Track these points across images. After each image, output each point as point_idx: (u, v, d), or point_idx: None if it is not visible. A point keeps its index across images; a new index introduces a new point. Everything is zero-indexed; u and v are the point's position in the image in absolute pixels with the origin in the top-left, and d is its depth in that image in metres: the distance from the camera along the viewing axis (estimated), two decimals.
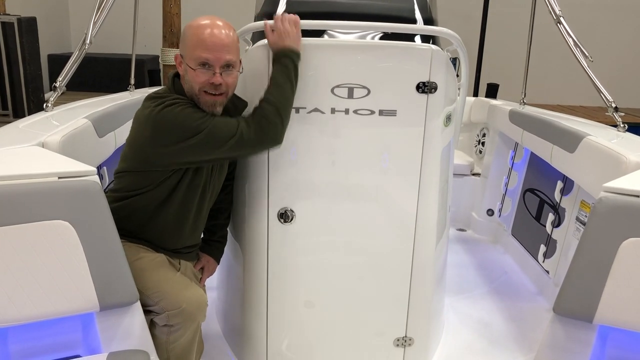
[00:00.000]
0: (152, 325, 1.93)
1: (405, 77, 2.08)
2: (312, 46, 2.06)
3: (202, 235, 2.27)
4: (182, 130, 1.84)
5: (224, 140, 1.88)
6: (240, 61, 1.96)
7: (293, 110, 2.09)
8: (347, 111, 2.10)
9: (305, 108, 2.10)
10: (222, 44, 1.85)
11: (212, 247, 2.32)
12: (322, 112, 2.10)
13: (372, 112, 2.10)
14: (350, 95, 2.08)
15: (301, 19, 2.03)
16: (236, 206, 2.35)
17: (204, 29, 1.85)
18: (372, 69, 2.07)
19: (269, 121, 1.92)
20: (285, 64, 1.96)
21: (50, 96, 2.66)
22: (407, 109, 2.11)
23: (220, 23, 1.88)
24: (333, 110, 2.10)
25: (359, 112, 2.10)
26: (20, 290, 1.63)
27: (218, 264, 2.35)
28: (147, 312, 1.89)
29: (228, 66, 1.88)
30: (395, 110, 2.11)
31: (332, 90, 2.08)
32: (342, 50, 2.07)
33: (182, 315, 1.87)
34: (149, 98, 1.94)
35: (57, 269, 1.67)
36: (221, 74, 1.87)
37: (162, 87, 2.02)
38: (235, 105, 2.06)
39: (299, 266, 2.26)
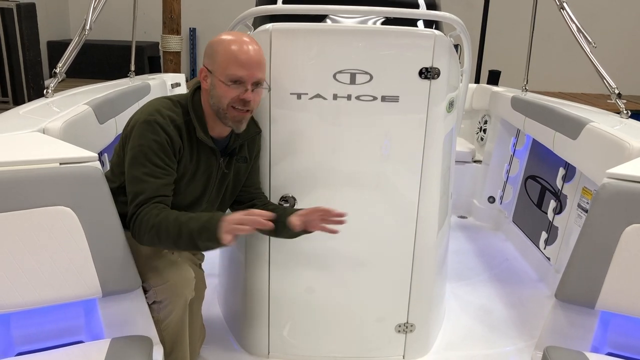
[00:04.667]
0: None
1: (407, 62, 2.07)
2: (314, 31, 2.05)
3: None
4: (137, 151, 1.84)
5: (130, 182, 1.85)
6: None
7: (295, 96, 2.08)
8: (349, 97, 2.09)
9: (307, 94, 2.09)
10: (255, 61, 1.85)
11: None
12: (324, 98, 2.09)
13: (375, 98, 2.09)
14: (353, 81, 2.07)
15: (303, 3, 2.01)
16: None
17: (236, 45, 1.84)
18: (374, 55, 2.05)
19: (143, 225, 1.79)
20: (204, 220, 1.77)
21: (51, 82, 2.64)
22: (409, 95, 2.10)
23: (250, 40, 1.88)
24: (335, 96, 2.09)
25: (361, 98, 2.09)
26: (22, 276, 1.63)
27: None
28: None
29: (258, 84, 1.88)
30: (398, 96, 2.09)
31: (334, 76, 2.06)
32: (345, 35, 2.05)
33: (169, 289, 1.88)
34: (154, 104, 1.92)
35: (59, 255, 1.67)
36: (252, 91, 1.87)
37: (182, 94, 2.00)
38: (248, 126, 2.03)
39: (300, 252, 2.26)
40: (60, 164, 1.71)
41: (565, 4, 3.04)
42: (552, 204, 3.20)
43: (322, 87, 2.08)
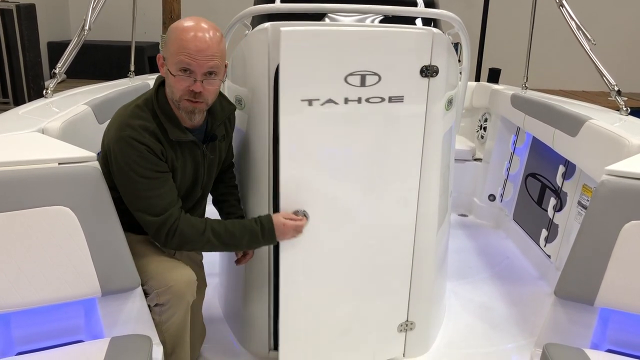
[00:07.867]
0: None
1: (410, 61, 2.04)
2: (325, 33, 1.96)
3: None
4: (126, 172, 1.82)
5: (143, 209, 1.84)
6: (226, 66, 1.88)
7: (306, 103, 1.97)
8: (359, 100, 2.01)
9: (318, 100, 1.98)
10: (206, 49, 1.75)
11: None
12: (336, 103, 2.00)
13: (383, 100, 2.05)
14: (363, 83, 1.99)
15: (301, 2, 2.00)
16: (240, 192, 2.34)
17: (187, 31, 1.75)
18: (382, 55, 1.99)
19: (188, 240, 1.87)
20: (258, 231, 1.97)
21: (50, 83, 2.65)
22: (411, 94, 2.08)
23: (205, 26, 1.78)
24: (346, 100, 2.00)
25: (370, 100, 2.03)
26: (22, 276, 1.64)
27: None
28: None
29: (210, 74, 1.79)
30: (403, 96, 2.06)
31: (345, 79, 1.98)
32: (355, 36, 1.98)
33: (171, 292, 1.87)
34: (121, 115, 1.87)
35: (58, 255, 1.67)
36: (202, 82, 1.78)
37: (146, 94, 1.93)
38: (223, 107, 2.02)
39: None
40: (59, 164, 1.71)
41: (564, 1, 3.03)
42: (553, 201, 3.19)
43: (333, 91, 1.98)
